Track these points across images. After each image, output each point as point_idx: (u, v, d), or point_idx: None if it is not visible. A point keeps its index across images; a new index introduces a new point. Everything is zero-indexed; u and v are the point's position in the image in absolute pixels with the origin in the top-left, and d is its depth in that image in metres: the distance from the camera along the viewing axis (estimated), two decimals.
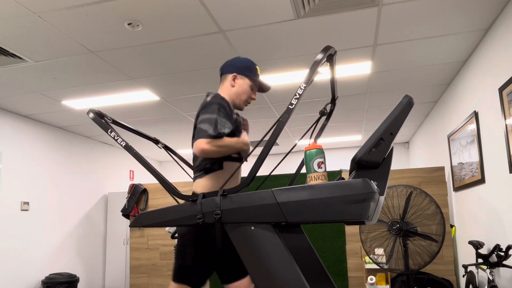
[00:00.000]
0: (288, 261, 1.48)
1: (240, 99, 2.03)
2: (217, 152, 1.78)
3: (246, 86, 2.02)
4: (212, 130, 1.76)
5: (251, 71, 2.03)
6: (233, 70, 2.03)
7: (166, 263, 5.38)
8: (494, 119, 3.22)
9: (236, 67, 2.03)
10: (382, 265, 3.85)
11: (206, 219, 1.61)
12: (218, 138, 1.76)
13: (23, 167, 5.17)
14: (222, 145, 1.78)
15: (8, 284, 4.82)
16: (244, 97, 2.03)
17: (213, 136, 1.75)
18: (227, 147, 1.80)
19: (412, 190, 3.87)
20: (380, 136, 1.52)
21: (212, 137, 1.75)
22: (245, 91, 2.02)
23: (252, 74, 2.03)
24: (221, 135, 1.78)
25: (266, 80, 4.19)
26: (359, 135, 7.18)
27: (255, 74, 2.04)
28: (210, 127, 1.77)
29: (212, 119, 1.79)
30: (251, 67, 2.04)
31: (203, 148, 1.73)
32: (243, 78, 2.02)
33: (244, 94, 2.02)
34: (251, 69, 2.04)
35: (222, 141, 1.78)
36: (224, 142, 1.79)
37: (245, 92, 2.02)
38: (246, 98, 2.04)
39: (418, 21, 3.08)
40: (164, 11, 2.84)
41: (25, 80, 4.02)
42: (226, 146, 1.79)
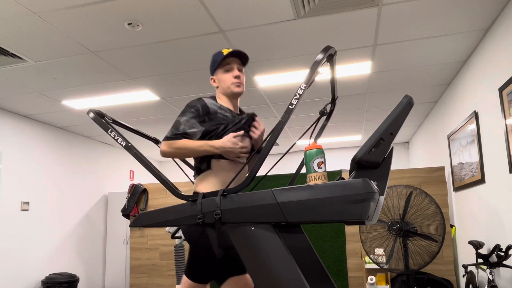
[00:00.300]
0: (288, 261, 1.48)
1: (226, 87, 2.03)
2: (174, 154, 1.86)
3: (221, 75, 2.05)
4: (170, 132, 1.86)
5: (216, 61, 2.05)
6: (210, 76, 2.11)
7: (166, 263, 5.38)
8: (494, 119, 3.22)
9: (211, 72, 2.10)
10: (382, 265, 3.85)
11: (206, 219, 1.60)
12: (173, 139, 1.84)
13: (23, 167, 5.17)
14: (177, 146, 1.84)
15: (8, 284, 4.82)
16: (227, 84, 2.03)
17: (167, 138, 1.85)
18: (185, 149, 1.84)
19: (412, 190, 3.87)
20: (380, 136, 1.52)
21: (167, 138, 1.85)
22: (223, 79, 2.04)
23: (217, 63, 2.04)
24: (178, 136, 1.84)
25: (266, 80, 4.19)
26: (359, 135, 7.18)
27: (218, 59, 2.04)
28: (171, 129, 1.87)
29: (176, 122, 1.88)
30: (214, 59, 2.07)
31: (161, 149, 1.87)
32: (216, 74, 2.07)
33: (225, 82, 2.03)
34: (215, 61, 2.06)
35: (177, 143, 1.83)
36: (179, 144, 1.83)
37: (225, 79, 2.03)
38: (229, 82, 2.02)
39: (418, 21, 3.08)
40: (164, 11, 2.84)
41: (25, 80, 4.02)
42: (183, 148, 1.84)
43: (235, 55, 2.05)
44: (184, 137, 1.85)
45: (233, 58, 2.05)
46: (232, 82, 2.02)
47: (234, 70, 2.03)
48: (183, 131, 1.85)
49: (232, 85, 2.02)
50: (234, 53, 2.03)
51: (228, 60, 2.04)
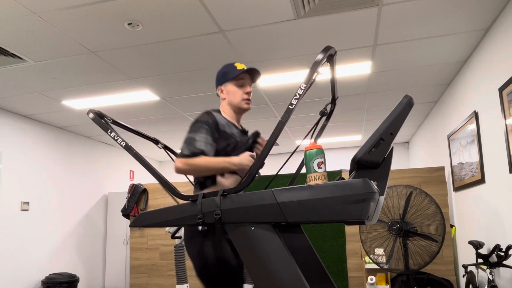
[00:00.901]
0: (288, 261, 1.48)
1: (236, 102, 2.02)
2: (192, 171, 1.82)
3: (232, 88, 2.02)
4: (186, 150, 1.81)
5: (229, 73, 2.03)
6: (217, 85, 2.07)
7: (166, 263, 5.38)
8: (494, 119, 3.22)
9: (217, 81, 2.07)
10: (382, 265, 3.85)
11: (206, 219, 1.60)
12: (191, 157, 1.79)
13: (23, 167, 5.17)
14: (196, 164, 1.79)
15: (8, 284, 4.82)
16: (238, 98, 2.02)
17: (185, 156, 1.79)
18: (203, 167, 1.80)
19: (412, 190, 3.87)
20: (380, 136, 1.52)
21: (184, 156, 1.79)
22: (234, 93, 2.02)
23: (230, 75, 2.02)
24: (196, 154, 1.80)
25: (266, 80, 4.19)
26: (359, 135, 7.18)
27: (233, 72, 2.03)
28: (186, 146, 1.82)
29: (190, 138, 1.84)
30: (227, 69, 2.04)
31: (177, 167, 1.80)
32: (226, 85, 2.04)
33: (235, 96, 2.02)
34: (228, 71, 2.04)
35: (196, 161, 1.79)
36: (198, 162, 1.79)
37: (235, 93, 2.02)
38: (240, 97, 2.02)
39: (418, 21, 3.08)
40: (164, 11, 2.84)
41: (25, 80, 4.02)
42: (202, 166, 1.80)
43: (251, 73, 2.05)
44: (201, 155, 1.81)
45: (246, 74, 2.05)
46: (243, 98, 2.02)
47: (247, 86, 2.04)
48: (200, 149, 1.81)
49: (242, 101, 2.02)
50: (252, 70, 2.04)
51: (242, 75, 2.03)
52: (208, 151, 1.83)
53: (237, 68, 2.03)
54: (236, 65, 2.04)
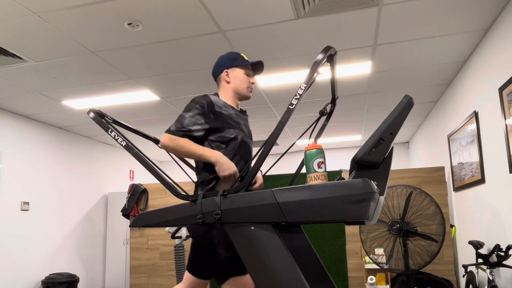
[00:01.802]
0: (288, 261, 1.48)
1: (241, 88, 2.07)
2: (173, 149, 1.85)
3: (240, 75, 2.07)
4: (174, 126, 1.87)
5: (238, 60, 2.07)
6: (222, 68, 2.08)
7: (166, 263, 5.38)
8: (494, 119, 3.22)
9: (224, 64, 2.08)
10: (382, 265, 3.85)
11: (206, 219, 1.61)
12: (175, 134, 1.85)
13: (23, 167, 5.17)
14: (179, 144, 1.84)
15: (8, 284, 4.82)
16: (244, 85, 2.07)
17: (171, 131, 1.86)
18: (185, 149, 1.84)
19: (412, 190, 3.87)
20: (380, 136, 1.52)
21: (170, 132, 1.86)
22: (241, 79, 2.06)
23: (240, 62, 2.07)
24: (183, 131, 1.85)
25: (266, 80, 4.20)
26: (359, 135, 7.18)
27: (243, 60, 2.08)
28: (174, 123, 1.88)
29: (180, 116, 1.89)
30: (236, 56, 2.08)
31: (162, 142, 1.87)
32: (234, 70, 2.07)
33: (242, 82, 2.06)
34: (237, 58, 2.08)
35: (179, 140, 1.84)
36: (181, 142, 1.84)
37: (243, 80, 2.07)
38: (247, 85, 2.08)
39: (418, 21, 3.08)
40: (164, 11, 2.84)
41: (25, 80, 4.02)
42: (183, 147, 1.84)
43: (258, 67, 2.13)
44: (187, 134, 1.86)
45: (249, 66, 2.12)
46: (248, 86, 2.08)
47: (253, 76, 2.12)
48: (187, 127, 1.86)
49: (247, 88, 2.08)
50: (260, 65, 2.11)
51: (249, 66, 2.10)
52: (195, 130, 1.87)
53: (244, 58, 2.09)
54: (242, 55, 2.10)
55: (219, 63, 2.10)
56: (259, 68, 2.14)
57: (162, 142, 1.86)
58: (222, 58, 2.10)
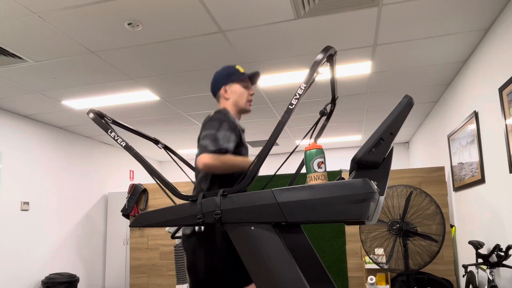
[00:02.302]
0: (288, 261, 1.48)
1: (241, 103, 2.05)
2: (219, 168, 1.78)
3: (238, 89, 2.05)
4: (212, 146, 1.78)
5: (234, 74, 2.05)
6: (220, 85, 2.06)
7: (166, 263, 5.38)
8: (494, 119, 3.22)
9: (221, 81, 2.06)
10: (382, 265, 3.85)
11: (206, 219, 1.60)
12: (218, 153, 1.77)
13: (23, 167, 5.17)
14: (224, 161, 1.78)
15: (8, 284, 4.82)
16: (243, 99, 2.05)
17: (213, 151, 1.76)
18: (230, 164, 1.80)
19: (412, 190, 3.87)
20: (380, 136, 1.52)
21: (212, 151, 1.76)
22: (240, 93, 2.05)
23: (236, 76, 2.05)
24: (222, 150, 1.79)
25: (266, 80, 4.20)
26: (359, 135, 7.18)
27: (238, 74, 2.06)
28: (211, 142, 1.78)
29: (213, 135, 1.81)
30: (231, 70, 2.06)
31: (205, 163, 1.74)
32: (231, 85, 2.05)
33: (241, 97, 2.05)
34: (233, 72, 2.06)
35: (224, 157, 1.78)
36: (226, 158, 1.79)
37: (241, 94, 2.05)
38: (246, 98, 2.06)
39: (418, 21, 3.08)
40: (164, 11, 2.84)
41: (25, 80, 4.02)
42: (228, 163, 1.79)
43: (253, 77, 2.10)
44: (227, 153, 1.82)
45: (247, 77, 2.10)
46: (248, 100, 2.06)
47: (251, 88, 2.09)
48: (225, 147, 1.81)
49: (247, 102, 2.06)
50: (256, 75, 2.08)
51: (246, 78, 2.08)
52: (230, 148, 1.84)
53: (240, 71, 2.06)
54: (238, 67, 2.07)
55: (216, 80, 2.08)
56: (256, 78, 2.12)
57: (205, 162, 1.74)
58: (218, 75, 2.08)
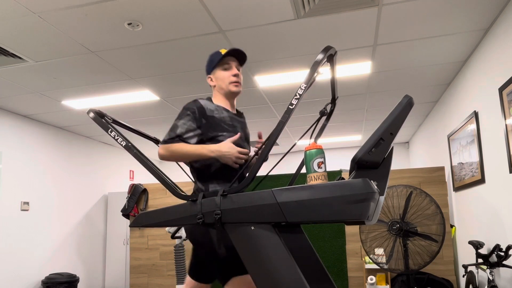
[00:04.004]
0: (288, 261, 1.48)
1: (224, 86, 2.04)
2: (171, 157, 1.85)
3: (219, 74, 2.05)
4: (167, 136, 1.87)
5: (214, 61, 2.07)
6: (207, 75, 2.11)
7: (166, 263, 5.38)
8: (494, 119, 3.22)
9: (207, 72, 2.11)
10: (382, 265, 3.85)
11: (206, 219, 1.60)
12: (169, 143, 1.84)
13: (23, 167, 5.17)
14: (173, 150, 1.84)
15: (8, 284, 4.82)
16: (226, 82, 2.03)
17: (164, 141, 1.86)
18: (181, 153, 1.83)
19: (412, 190, 3.87)
20: (380, 136, 1.52)
21: (164, 142, 1.86)
22: (222, 77, 2.04)
23: (215, 62, 2.05)
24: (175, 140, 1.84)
25: (266, 80, 4.19)
26: (359, 135, 7.18)
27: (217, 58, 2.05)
28: (168, 132, 1.88)
29: (173, 125, 1.89)
30: (212, 58, 2.08)
31: (159, 153, 1.88)
32: (214, 72, 2.07)
33: (223, 80, 2.04)
34: (213, 59, 2.08)
35: (173, 146, 1.84)
36: (176, 147, 1.83)
37: (223, 78, 2.04)
38: (227, 81, 2.03)
39: (418, 21, 3.08)
40: (164, 11, 2.84)
41: (25, 80, 4.02)
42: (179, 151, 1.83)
43: (233, 55, 2.05)
44: (180, 141, 1.85)
45: (232, 58, 2.06)
46: (231, 81, 2.02)
47: (233, 68, 2.04)
48: (179, 134, 1.85)
49: (230, 84, 2.02)
50: (233, 51, 2.03)
51: (227, 59, 2.04)
52: (188, 137, 1.86)
53: (220, 54, 2.05)
54: (220, 51, 2.06)
55: (205, 70, 2.13)
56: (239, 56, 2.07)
57: (158, 153, 1.87)
58: (206, 65, 2.13)
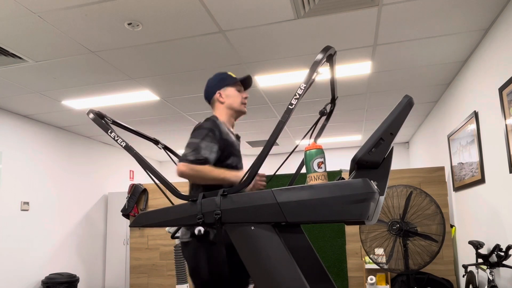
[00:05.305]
0: (288, 261, 1.48)
1: (236, 105, 2.11)
2: (194, 177, 1.83)
3: (232, 92, 2.11)
4: (191, 155, 1.83)
5: (227, 79, 2.12)
6: (214, 90, 2.12)
7: (166, 263, 5.38)
8: (494, 119, 3.22)
9: (215, 86, 2.13)
10: (382, 265, 3.85)
11: (206, 219, 1.60)
12: (195, 163, 1.81)
13: (23, 167, 5.17)
14: (200, 171, 1.81)
15: (8, 284, 4.82)
16: (238, 102, 2.11)
17: (190, 161, 1.81)
18: (204, 176, 1.83)
19: (412, 190, 3.87)
20: (380, 136, 1.52)
21: (189, 161, 1.81)
22: (234, 96, 2.11)
23: (229, 81, 2.12)
24: (201, 161, 1.82)
25: (266, 80, 4.20)
26: (359, 135, 7.18)
27: (232, 79, 2.13)
28: (191, 152, 1.84)
29: (195, 144, 1.86)
30: (224, 76, 2.14)
31: (181, 170, 1.81)
32: (225, 89, 2.11)
33: (235, 99, 2.11)
34: (226, 77, 2.13)
35: (200, 168, 1.81)
36: (203, 169, 1.82)
37: (235, 97, 2.11)
38: (240, 100, 2.13)
39: (418, 21, 3.08)
40: (164, 11, 2.84)
41: (25, 80, 4.02)
42: (205, 174, 1.82)
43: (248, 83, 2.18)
44: (207, 164, 1.84)
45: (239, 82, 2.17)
46: (243, 102, 2.13)
47: (245, 92, 2.17)
48: (204, 157, 1.84)
49: (241, 104, 2.13)
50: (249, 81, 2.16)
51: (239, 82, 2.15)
52: (212, 159, 1.87)
53: (232, 76, 2.14)
54: (230, 73, 2.16)
55: (209, 86, 2.14)
56: (248, 82, 2.19)
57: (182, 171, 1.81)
58: (211, 81, 2.14)
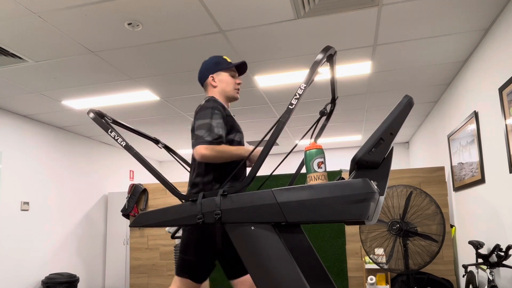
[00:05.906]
0: (288, 261, 1.48)
1: (228, 91, 2.10)
2: (216, 158, 1.82)
3: (225, 77, 2.10)
4: (209, 136, 1.81)
5: (222, 63, 2.11)
6: (207, 73, 2.11)
7: (166, 263, 5.38)
8: (494, 119, 3.22)
9: (208, 69, 2.11)
10: (382, 265, 3.85)
11: (206, 219, 1.61)
12: (214, 143, 1.81)
13: (23, 167, 5.17)
14: (220, 150, 1.82)
15: (8, 284, 4.82)
16: (230, 87, 2.10)
17: (209, 142, 1.80)
18: (226, 154, 1.84)
19: (412, 190, 3.87)
20: (380, 136, 1.52)
21: (209, 142, 1.80)
22: (227, 81, 2.10)
23: (223, 65, 2.10)
24: (218, 140, 1.82)
25: (266, 80, 4.20)
26: (359, 135, 7.18)
27: (226, 63, 2.12)
28: (206, 132, 1.82)
29: (206, 124, 1.84)
30: (219, 60, 2.12)
31: (203, 154, 1.79)
32: (219, 74, 2.10)
33: (228, 84, 2.10)
34: (221, 61, 2.11)
35: (220, 147, 1.82)
36: (222, 148, 1.83)
37: (229, 82, 2.10)
38: (233, 86, 2.11)
39: (418, 21, 3.08)
40: (164, 11, 2.84)
41: (25, 80, 4.02)
42: (225, 152, 1.83)
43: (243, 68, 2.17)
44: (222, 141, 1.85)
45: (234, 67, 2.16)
46: (235, 88, 2.12)
47: (238, 78, 2.16)
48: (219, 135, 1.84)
49: (234, 90, 2.11)
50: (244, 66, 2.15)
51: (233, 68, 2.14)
52: (224, 136, 1.88)
53: (227, 61, 2.12)
54: (225, 57, 2.14)
55: (203, 68, 2.13)
56: (243, 68, 2.18)
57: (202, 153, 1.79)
58: (205, 64, 2.13)
